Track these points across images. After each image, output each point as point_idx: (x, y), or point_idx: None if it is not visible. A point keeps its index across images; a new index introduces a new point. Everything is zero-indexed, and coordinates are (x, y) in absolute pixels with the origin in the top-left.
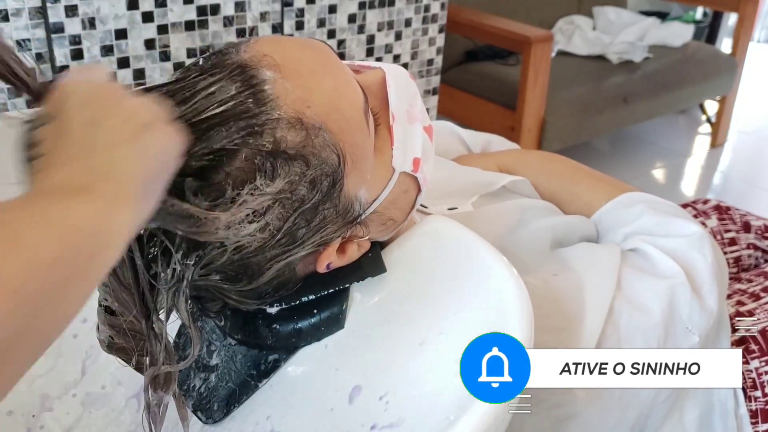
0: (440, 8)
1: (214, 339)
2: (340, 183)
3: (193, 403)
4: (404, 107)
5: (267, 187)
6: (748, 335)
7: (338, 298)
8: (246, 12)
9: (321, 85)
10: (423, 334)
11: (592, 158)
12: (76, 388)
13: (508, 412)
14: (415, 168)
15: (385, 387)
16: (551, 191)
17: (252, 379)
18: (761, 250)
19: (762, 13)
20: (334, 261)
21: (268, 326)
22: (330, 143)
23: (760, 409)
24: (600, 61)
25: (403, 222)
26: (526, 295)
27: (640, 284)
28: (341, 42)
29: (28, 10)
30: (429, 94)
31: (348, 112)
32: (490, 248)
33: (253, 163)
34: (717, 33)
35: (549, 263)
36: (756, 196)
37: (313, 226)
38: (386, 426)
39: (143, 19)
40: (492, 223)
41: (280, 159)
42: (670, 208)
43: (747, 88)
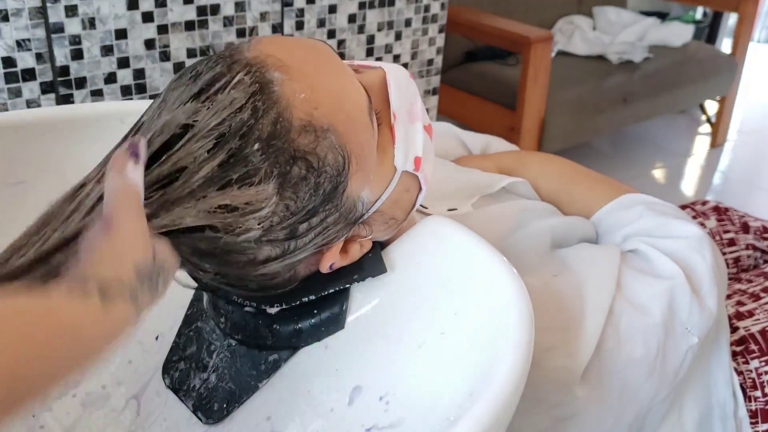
0: (440, 8)
1: (214, 339)
2: (344, 184)
3: (193, 403)
4: (405, 107)
5: (270, 188)
6: (748, 335)
7: (338, 299)
8: (246, 12)
9: (326, 85)
10: (423, 335)
11: (592, 158)
12: (76, 388)
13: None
14: (417, 167)
15: (385, 387)
16: (551, 192)
17: (252, 379)
18: (760, 250)
19: (762, 13)
20: (337, 261)
21: (268, 326)
22: (336, 145)
23: (760, 409)
24: (600, 61)
25: (404, 221)
26: (526, 295)
27: (640, 285)
28: (341, 42)
29: (28, 10)
30: (429, 94)
31: (353, 112)
32: (490, 248)
33: (261, 165)
34: (717, 33)
35: (549, 264)
36: (756, 197)
37: (316, 226)
38: (386, 426)
39: (143, 19)
40: (492, 224)
41: (289, 161)
42: (669, 210)
43: (747, 88)
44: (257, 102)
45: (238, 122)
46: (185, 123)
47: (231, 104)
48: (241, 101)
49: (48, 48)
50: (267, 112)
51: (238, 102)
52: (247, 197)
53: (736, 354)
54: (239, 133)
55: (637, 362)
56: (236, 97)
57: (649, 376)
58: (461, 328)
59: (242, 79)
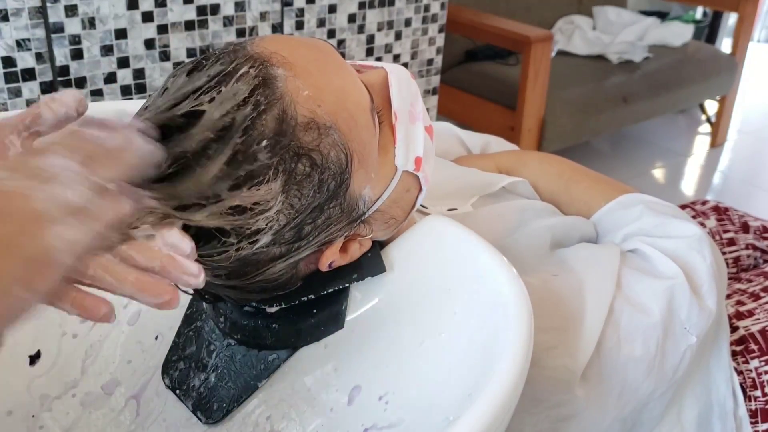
0: (440, 8)
1: (213, 339)
2: (347, 182)
3: (192, 403)
4: (406, 107)
5: (276, 186)
6: (748, 335)
7: (338, 298)
8: (246, 12)
9: (329, 84)
10: (422, 334)
11: (592, 158)
12: (75, 389)
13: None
14: (417, 167)
15: (384, 387)
16: (550, 192)
17: (251, 378)
18: (760, 250)
19: (762, 13)
20: (337, 260)
21: (268, 326)
22: (339, 143)
23: (760, 408)
24: (600, 61)
25: (404, 221)
26: (525, 295)
27: (640, 284)
28: (341, 42)
29: (28, 10)
30: (429, 94)
31: (355, 111)
32: (490, 248)
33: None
34: (717, 33)
35: (548, 264)
36: (756, 196)
37: (318, 224)
38: (386, 426)
39: (143, 18)
40: (491, 224)
41: (294, 158)
42: (669, 210)
43: (747, 88)
44: (260, 96)
45: (241, 116)
46: (189, 114)
47: (234, 96)
48: (244, 94)
49: (48, 48)
50: (271, 107)
51: (242, 95)
52: (257, 197)
53: (736, 353)
54: (242, 127)
55: (636, 361)
56: (240, 89)
57: (648, 374)
58: (460, 327)
59: (247, 71)
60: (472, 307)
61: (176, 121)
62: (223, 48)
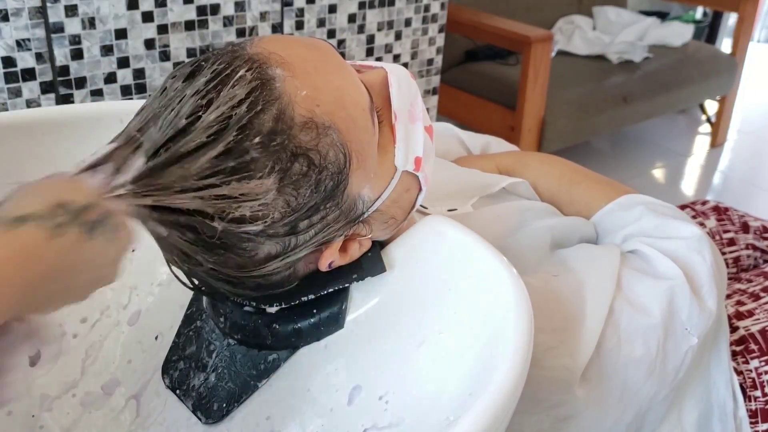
0: (440, 8)
1: (213, 339)
2: (345, 182)
3: (192, 403)
4: (406, 106)
5: (269, 183)
6: (748, 335)
7: (338, 298)
8: (246, 12)
9: (328, 83)
10: (422, 334)
11: (592, 158)
12: (75, 389)
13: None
14: (417, 167)
15: (384, 387)
16: (550, 193)
17: (252, 379)
18: (760, 250)
19: (762, 13)
20: (336, 260)
21: (268, 326)
22: (338, 142)
23: (760, 408)
24: (600, 61)
25: (404, 221)
26: (525, 295)
27: (640, 285)
28: (341, 42)
29: (28, 9)
30: (429, 94)
31: (354, 111)
32: (490, 248)
33: (260, 158)
34: (717, 33)
35: (549, 264)
36: (756, 196)
37: (317, 224)
38: (386, 426)
39: (143, 18)
40: (492, 225)
41: (291, 157)
42: (669, 210)
43: (747, 88)
44: (257, 98)
45: (236, 116)
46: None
47: (231, 100)
48: (240, 96)
49: (48, 48)
50: (268, 107)
51: (239, 98)
52: (245, 189)
53: (736, 354)
54: (237, 126)
55: (637, 362)
56: (237, 93)
57: (649, 376)
58: (461, 327)
59: (244, 75)
60: (472, 307)
61: (176, 127)
62: (223, 48)
